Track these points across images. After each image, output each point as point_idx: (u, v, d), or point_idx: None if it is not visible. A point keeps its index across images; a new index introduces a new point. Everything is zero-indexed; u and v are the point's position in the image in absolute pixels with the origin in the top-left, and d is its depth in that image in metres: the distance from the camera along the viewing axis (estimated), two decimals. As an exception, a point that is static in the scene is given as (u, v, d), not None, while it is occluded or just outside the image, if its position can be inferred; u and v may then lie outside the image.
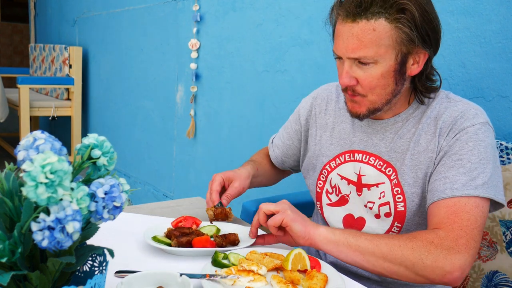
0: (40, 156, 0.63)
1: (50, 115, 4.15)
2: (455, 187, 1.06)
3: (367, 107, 1.15)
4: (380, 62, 1.08)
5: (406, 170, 1.16)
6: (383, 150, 1.20)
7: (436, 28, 1.09)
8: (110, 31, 3.87)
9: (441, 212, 1.05)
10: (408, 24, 1.05)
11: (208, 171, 2.81)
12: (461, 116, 1.12)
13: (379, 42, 1.06)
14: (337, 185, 1.28)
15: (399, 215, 1.18)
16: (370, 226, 1.23)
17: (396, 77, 1.11)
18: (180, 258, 1.12)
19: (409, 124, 1.19)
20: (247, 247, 1.15)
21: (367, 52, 1.07)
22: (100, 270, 0.81)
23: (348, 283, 1.03)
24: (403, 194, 1.17)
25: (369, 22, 1.05)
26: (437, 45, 1.12)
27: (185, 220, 1.24)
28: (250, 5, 2.39)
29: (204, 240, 1.13)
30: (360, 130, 1.25)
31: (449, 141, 1.11)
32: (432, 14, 1.08)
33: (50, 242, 0.64)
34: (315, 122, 1.36)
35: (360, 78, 1.11)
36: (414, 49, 1.09)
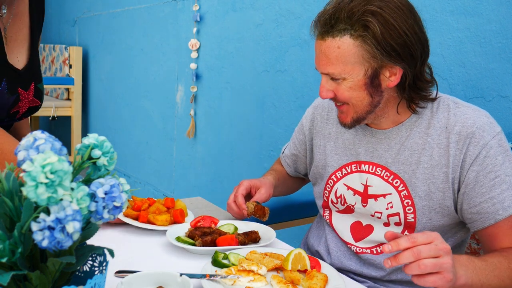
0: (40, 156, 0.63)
1: (50, 115, 4.15)
2: (505, 205, 1.08)
3: (351, 117, 1.16)
4: (347, 78, 1.09)
5: (417, 183, 1.16)
6: (389, 161, 1.20)
7: (408, 42, 1.05)
8: (110, 31, 3.87)
9: (507, 234, 1.08)
10: (370, 42, 1.04)
11: (208, 171, 2.81)
12: (477, 128, 1.10)
13: (344, 59, 1.07)
14: (343, 195, 1.28)
15: (409, 225, 1.18)
16: (378, 233, 1.23)
17: (368, 90, 1.10)
18: (180, 258, 1.12)
19: (415, 135, 1.17)
20: (266, 245, 1.17)
21: (334, 69, 1.09)
22: (100, 270, 0.81)
23: (348, 283, 1.03)
24: (413, 206, 1.17)
25: (334, 40, 1.06)
26: (413, 57, 1.07)
27: (203, 220, 1.26)
28: (250, 5, 2.39)
29: (230, 238, 1.15)
30: (364, 140, 1.24)
31: (473, 157, 1.09)
32: (402, 29, 1.04)
33: (50, 242, 0.64)
34: (318, 132, 1.36)
35: (335, 91, 1.13)
36: (385, 64, 1.07)
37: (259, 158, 2.41)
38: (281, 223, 1.64)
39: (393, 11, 1.03)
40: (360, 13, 1.03)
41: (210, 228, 1.21)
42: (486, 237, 1.11)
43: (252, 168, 2.47)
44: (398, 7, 1.04)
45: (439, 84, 1.54)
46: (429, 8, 1.57)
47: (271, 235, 1.22)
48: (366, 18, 1.03)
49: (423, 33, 1.09)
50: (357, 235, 1.27)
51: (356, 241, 1.27)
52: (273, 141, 2.32)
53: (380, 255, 1.24)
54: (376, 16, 1.02)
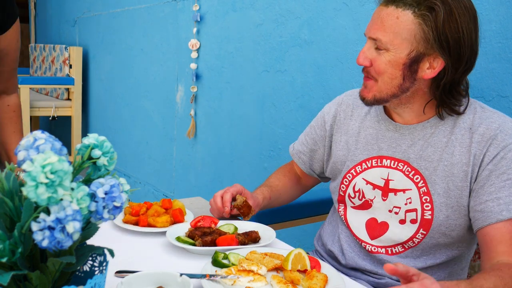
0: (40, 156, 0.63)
1: (50, 115, 4.15)
2: (511, 207, 1.08)
3: (373, 94, 1.16)
4: (391, 50, 1.10)
5: (437, 180, 1.16)
6: (411, 157, 1.20)
7: (462, 41, 1.07)
8: (110, 31, 3.87)
9: (506, 238, 1.08)
10: (430, 23, 1.06)
11: (208, 171, 2.81)
12: (501, 131, 1.11)
13: (398, 30, 1.08)
14: (361, 190, 1.27)
15: (426, 223, 1.18)
16: (393, 231, 1.22)
17: (404, 71, 1.11)
18: (180, 258, 1.12)
19: (439, 133, 1.18)
20: (266, 245, 1.17)
21: (384, 36, 1.10)
22: (100, 270, 0.81)
23: (348, 283, 1.03)
24: (431, 203, 1.17)
25: (397, 10, 1.09)
26: (460, 59, 1.08)
27: (203, 220, 1.26)
28: (250, 5, 2.39)
29: (230, 238, 1.16)
30: (387, 135, 1.24)
31: (491, 157, 1.10)
32: (462, 26, 1.06)
33: (50, 242, 0.64)
34: (340, 128, 1.36)
35: (373, 60, 1.14)
36: (431, 51, 1.08)
37: (259, 158, 2.41)
38: (281, 223, 1.64)
39: (460, 8, 1.06)
40: None
41: (210, 228, 1.22)
42: (484, 238, 1.10)
43: (252, 168, 2.47)
44: (466, 7, 1.07)
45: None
46: (429, 8, 1.57)
47: (271, 235, 1.22)
48: (435, 1, 1.05)
49: (476, 43, 1.11)
50: (372, 232, 1.26)
51: (372, 239, 1.26)
52: (273, 141, 2.32)
53: (393, 256, 1.23)
54: (444, 4, 1.05)
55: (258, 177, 2.38)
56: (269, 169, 2.31)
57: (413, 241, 1.20)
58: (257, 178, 2.37)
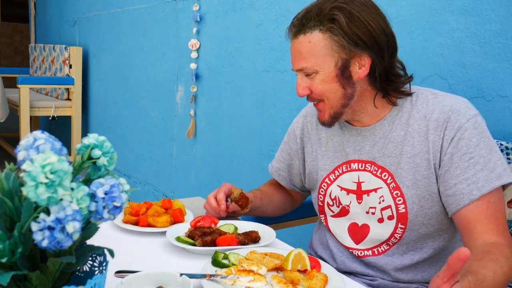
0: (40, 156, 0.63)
1: (50, 115, 4.15)
2: (479, 185, 1.09)
3: (328, 113, 1.21)
4: (320, 71, 1.16)
5: (403, 173, 1.19)
6: (376, 156, 1.23)
7: (373, 32, 1.13)
8: (110, 31, 3.87)
9: (481, 217, 1.09)
10: (337, 32, 1.12)
11: (208, 171, 2.81)
12: (453, 112, 1.14)
13: (315, 52, 1.14)
14: (337, 197, 1.30)
15: (401, 216, 1.20)
16: (374, 231, 1.24)
17: (340, 82, 1.16)
18: (180, 258, 1.12)
19: (396, 127, 1.21)
20: (266, 245, 1.17)
21: (307, 63, 1.16)
22: (100, 270, 0.81)
23: (348, 283, 1.03)
24: (402, 196, 1.20)
25: (306, 36, 1.15)
26: (379, 46, 1.14)
27: (203, 220, 1.26)
28: (250, 5, 2.39)
29: (230, 238, 1.16)
30: (351, 139, 1.28)
31: (449, 140, 1.13)
32: (367, 18, 1.12)
33: (50, 242, 0.64)
34: (309, 139, 1.39)
35: (310, 86, 1.19)
36: (354, 54, 1.14)
37: (259, 158, 2.41)
38: (281, 223, 1.64)
39: (357, 6, 1.13)
40: (328, 9, 1.12)
41: (210, 228, 1.22)
42: (461, 222, 1.12)
43: (252, 168, 2.47)
44: (362, 3, 1.14)
45: (440, 84, 1.54)
46: (429, 8, 1.57)
47: (271, 235, 1.22)
48: (333, 12, 1.12)
49: (388, 27, 1.17)
50: (355, 237, 1.28)
51: (357, 244, 1.28)
52: (273, 141, 2.32)
53: (380, 256, 1.24)
54: (342, 10, 1.12)
55: (258, 177, 2.38)
56: (269, 169, 2.31)
57: (395, 237, 1.22)
58: (257, 178, 2.37)
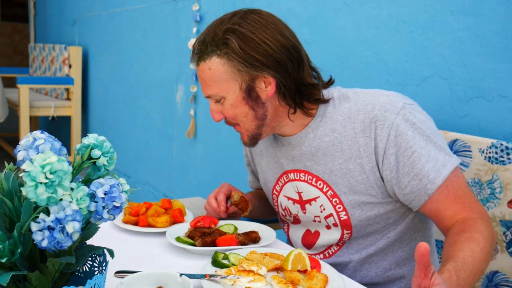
0: (40, 156, 0.63)
1: (50, 115, 4.15)
2: (431, 178, 1.07)
3: (246, 135, 1.19)
4: (226, 96, 1.13)
5: (338, 180, 1.17)
6: (308, 164, 1.21)
7: (269, 50, 1.08)
8: (110, 31, 3.87)
9: (446, 204, 1.08)
10: (232, 57, 1.09)
11: (208, 171, 2.81)
12: (378, 110, 1.10)
13: (217, 78, 1.12)
14: (287, 207, 1.30)
15: (344, 223, 1.19)
16: (323, 238, 1.25)
17: (249, 103, 1.13)
18: (180, 258, 1.12)
19: (321, 134, 1.18)
20: (266, 245, 1.17)
21: (212, 90, 1.13)
22: (100, 270, 0.81)
23: (348, 283, 1.03)
24: (341, 203, 1.18)
25: (205, 63, 1.12)
26: (278, 63, 1.09)
27: (203, 220, 1.26)
28: (250, 5, 2.39)
29: (230, 238, 1.16)
30: (283, 149, 1.25)
31: (384, 140, 1.09)
32: (261, 38, 1.08)
33: (50, 242, 0.64)
34: (254, 152, 1.39)
35: (222, 111, 1.17)
36: (256, 75, 1.10)
37: (259, 158, 2.41)
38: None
39: (250, 25, 1.08)
40: (221, 33, 1.09)
41: (210, 228, 1.21)
42: (430, 213, 1.11)
43: (252, 168, 2.47)
44: (256, 21, 1.09)
45: (440, 84, 1.54)
46: (429, 8, 1.57)
47: (271, 235, 1.22)
48: (226, 36, 1.08)
49: (290, 39, 1.11)
50: (307, 243, 1.29)
51: (308, 249, 1.29)
52: (273, 141, 2.32)
53: (332, 257, 1.25)
54: (235, 32, 1.08)
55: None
56: (269, 169, 2.31)
57: (342, 240, 1.23)
58: (257, 178, 2.37)
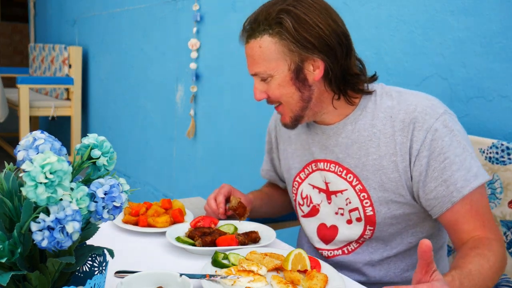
0: (39, 156, 0.63)
1: (49, 115, 4.15)
2: (458, 186, 1.07)
3: (289, 116, 1.19)
4: (274, 75, 1.14)
5: (369, 175, 1.17)
6: (340, 156, 1.21)
7: (322, 34, 1.10)
8: (110, 31, 3.87)
9: (467, 217, 1.08)
10: (285, 36, 1.10)
11: (208, 171, 2.81)
12: (419, 112, 1.11)
13: (266, 57, 1.13)
14: (309, 196, 1.29)
15: (369, 219, 1.19)
16: (343, 233, 1.24)
17: (296, 85, 1.14)
18: (180, 258, 1.12)
19: (360, 127, 1.18)
20: (266, 245, 1.17)
21: (260, 68, 1.15)
22: (100, 270, 0.81)
23: (348, 283, 1.03)
24: (369, 199, 1.18)
25: (256, 41, 1.14)
26: (330, 48, 1.11)
27: (203, 220, 1.26)
28: (250, 5, 2.38)
29: (230, 238, 1.16)
30: (316, 138, 1.26)
31: (419, 142, 1.10)
32: (315, 22, 1.10)
33: (50, 242, 0.64)
34: (281, 137, 1.39)
35: (267, 90, 1.17)
36: (306, 57, 1.12)
37: (259, 158, 2.41)
38: (281, 223, 1.64)
39: (305, 8, 1.11)
40: (275, 13, 1.11)
41: (210, 228, 1.21)
42: (448, 224, 1.11)
43: (252, 168, 2.46)
44: (310, 4, 1.12)
45: (440, 84, 1.54)
46: (429, 8, 1.57)
47: (271, 235, 1.22)
48: (280, 16, 1.10)
49: (340, 26, 1.14)
50: (325, 238, 1.28)
51: (326, 244, 1.27)
52: (273, 141, 2.32)
53: (351, 254, 1.24)
54: (289, 13, 1.10)
55: (258, 177, 2.38)
56: (269, 169, 2.31)
57: (363, 237, 1.22)
58: (257, 178, 2.37)
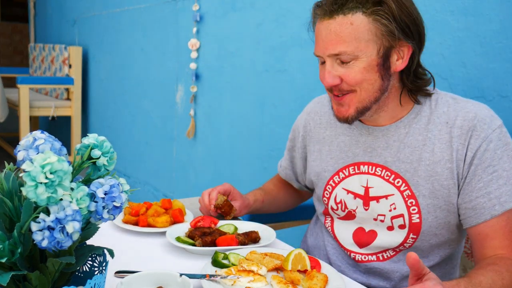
0: (40, 156, 0.63)
1: (49, 115, 4.15)
2: (502, 200, 1.06)
3: (355, 107, 1.10)
4: (361, 57, 1.05)
5: (420, 181, 1.13)
6: (389, 160, 1.16)
7: (417, 21, 1.06)
8: (110, 31, 3.87)
9: (499, 233, 1.06)
10: (386, 16, 1.02)
11: (208, 171, 2.81)
12: (478, 120, 1.08)
13: (358, 36, 1.03)
14: (343, 200, 1.23)
15: (415, 226, 1.14)
16: (382, 239, 1.19)
17: (380, 72, 1.07)
18: (180, 258, 1.12)
19: (414, 131, 1.14)
20: (266, 245, 1.17)
21: (347, 47, 1.04)
22: (100, 270, 0.81)
23: (348, 283, 1.03)
24: (418, 205, 1.13)
25: (346, 17, 1.03)
26: (421, 39, 1.08)
27: (203, 220, 1.26)
28: (250, 5, 2.39)
29: (230, 238, 1.16)
30: (361, 139, 1.20)
31: (473, 150, 1.08)
32: (411, 7, 1.05)
33: (50, 242, 0.64)
34: (312, 138, 1.32)
35: (343, 75, 1.07)
36: (396, 43, 1.05)
37: (259, 158, 2.41)
38: (281, 223, 1.64)
39: None
40: None
41: (210, 228, 1.21)
42: (477, 236, 1.09)
43: (252, 168, 2.47)
44: None
45: (440, 84, 1.54)
46: (429, 8, 1.57)
47: (271, 235, 1.21)
48: None
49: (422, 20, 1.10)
50: (360, 241, 1.22)
51: (360, 248, 1.22)
52: (273, 141, 2.32)
53: (386, 262, 1.20)
54: None
55: (258, 177, 2.38)
56: (269, 169, 2.31)
57: (404, 246, 1.18)
58: (257, 178, 2.37)
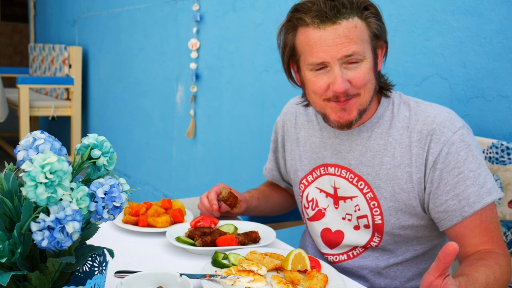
0: (39, 156, 0.63)
1: (49, 115, 4.15)
2: (471, 201, 1.07)
3: (357, 110, 1.12)
4: (366, 57, 1.09)
5: (382, 184, 1.15)
6: (352, 163, 1.19)
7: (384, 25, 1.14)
8: (110, 31, 3.87)
9: (476, 232, 1.08)
10: (373, 21, 1.10)
11: (208, 171, 2.81)
12: (438, 124, 1.10)
13: (362, 38, 1.08)
14: (315, 199, 1.27)
15: (378, 227, 1.18)
16: (349, 238, 1.22)
17: (374, 72, 1.12)
18: (180, 258, 1.12)
19: (376, 136, 1.17)
20: (266, 245, 1.17)
21: (358, 48, 1.07)
22: (100, 270, 0.81)
23: (348, 283, 1.03)
24: (379, 207, 1.17)
25: (349, 21, 1.07)
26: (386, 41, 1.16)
27: (203, 220, 1.27)
28: (250, 5, 2.39)
29: (230, 238, 1.16)
30: (329, 142, 1.24)
31: (435, 154, 1.09)
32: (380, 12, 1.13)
33: (50, 242, 0.64)
34: (289, 138, 1.36)
35: (352, 78, 1.08)
36: (378, 45, 1.12)
37: (259, 158, 2.41)
38: (281, 223, 1.64)
39: None
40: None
41: (210, 228, 1.21)
42: (455, 237, 1.11)
43: (252, 168, 2.47)
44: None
45: (440, 84, 1.54)
46: (429, 8, 1.57)
47: (271, 235, 1.22)
48: (365, 1, 1.10)
49: None
50: (330, 243, 1.27)
51: (331, 249, 1.26)
52: (273, 141, 2.32)
53: (356, 259, 1.23)
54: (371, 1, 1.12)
55: (258, 177, 2.38)
56: (269, 169, 2.31)
57: (371, 244, 1.21)
58: (257, 178, 2.37)
